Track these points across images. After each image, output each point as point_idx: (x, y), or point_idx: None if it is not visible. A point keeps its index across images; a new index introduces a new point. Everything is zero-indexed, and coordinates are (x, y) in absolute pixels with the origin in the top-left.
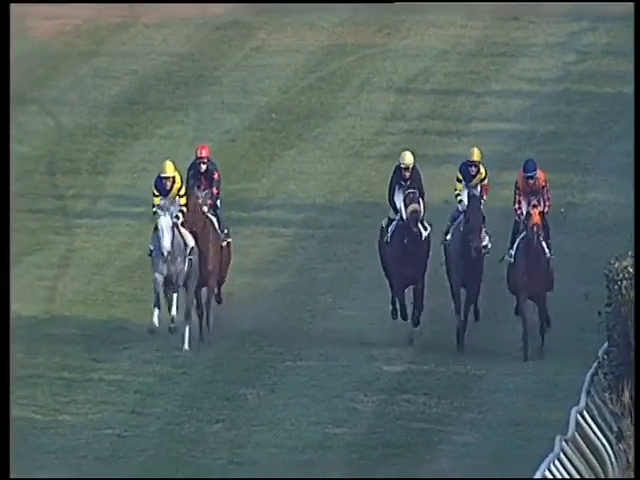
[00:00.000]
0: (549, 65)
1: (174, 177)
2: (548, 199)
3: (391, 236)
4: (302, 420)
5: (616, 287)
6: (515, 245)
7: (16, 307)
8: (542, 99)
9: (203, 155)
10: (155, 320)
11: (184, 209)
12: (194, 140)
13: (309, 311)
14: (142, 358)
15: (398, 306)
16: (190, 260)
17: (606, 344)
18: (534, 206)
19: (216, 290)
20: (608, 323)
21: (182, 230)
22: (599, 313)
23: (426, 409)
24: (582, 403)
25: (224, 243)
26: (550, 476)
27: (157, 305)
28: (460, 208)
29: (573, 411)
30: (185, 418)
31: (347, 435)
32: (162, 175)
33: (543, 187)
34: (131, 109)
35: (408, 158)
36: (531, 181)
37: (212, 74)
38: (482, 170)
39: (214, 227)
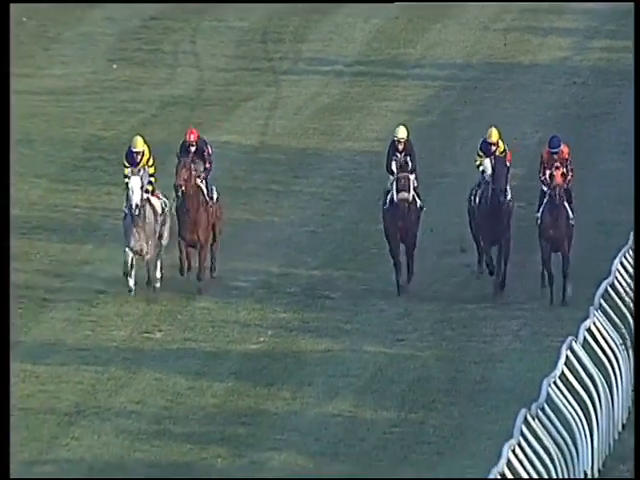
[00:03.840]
0: None
1: (143, 151)
2: (571, 170)
3: (389, 204)
4: (445, 222)
5: None
6: (542, 207)
7: (236, 138)
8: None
9: (192, 139)
10: (131, 283)
11: (152, 180)
12: (367, 17)
13: (451, 140)
14: (330, 175)
15: (395, 264)
16: (162, 226)
17: None
18: (557, 168)
19: (207, 249)
20: None
21: (152, 199)
22: None
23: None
24: None
25: (212, 207)
26: (627, 262)
27: (126, 271)
28: (485, 177)
29: None
30: (361, 220)
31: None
32: (133, 149)
33: (566, 159)
34: None
35: (402, 132)
36: (555, 156)
37: None
38: (500, 145)
39: (204, 193)
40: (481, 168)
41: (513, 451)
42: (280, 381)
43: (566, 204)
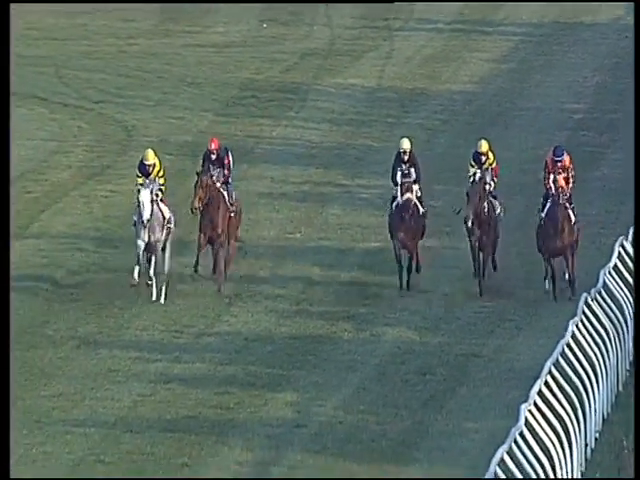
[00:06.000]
0: None
1: (154, 163)
2: (572, 176)
3: (395, 209)
4: (523, 143)
5: None
6: (545, 209)
7: (359, 81)
8: None
9: (213, 148)
10: (135, 275)
11: (162, 188)
12: None
13: (528, 83)
14: (433, 110)
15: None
16: (168, 228)
17: None
18: (559, 174)
19: (227, 247)
20: None
21: (160, 205)
22: None
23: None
24: None
25: (232, 212)
26: None
27: (137, 264)
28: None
29: None
30: (458, 145)
31: None
32: (145, 162)
33: (568, 167)
34: None
35: (406, 144)
36: (559, 164)
37: None
38: (490, 156)
39: (224, 198)
40: (471, 179)
41: (577, 326)
42: (394, 271)
43: (569, 208)
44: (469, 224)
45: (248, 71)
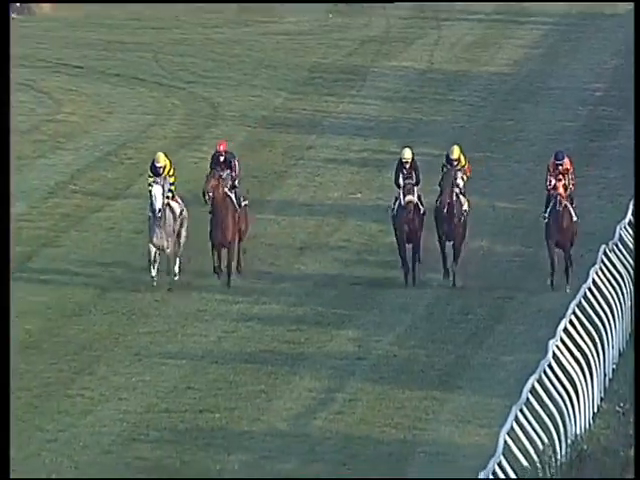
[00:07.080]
0: None
1: (165, 165)
2: (572, 179)
3: (397, 211)
4: (548, 117)
5: None
6: (548, 209)
7: (411, 64)
8: None
9: (221, 149)
10: (153, 273)
11: (172, 187)
12: None
13: (555, 65)
14: (474, 89)
15: (403, 262)
16: (181, 220)
17: None
18: (559, 180)
19: (235, 248)
20: None
21: (171, 203)
22: None
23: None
24: None
25: (240, 212)
26: None
27: (151, 265)
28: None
29: None
30: (496, 119)
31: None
32: (156, 164)
33: (568, 170)
34: None
35: (407, 153)
36: (560, 167)
37: None
38: (462, 160)
39: (232, 200)
40: (442, 173)
41: (596, 273)
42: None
43: (570, 207)
44: (444, 212)
45: (315, 55)
